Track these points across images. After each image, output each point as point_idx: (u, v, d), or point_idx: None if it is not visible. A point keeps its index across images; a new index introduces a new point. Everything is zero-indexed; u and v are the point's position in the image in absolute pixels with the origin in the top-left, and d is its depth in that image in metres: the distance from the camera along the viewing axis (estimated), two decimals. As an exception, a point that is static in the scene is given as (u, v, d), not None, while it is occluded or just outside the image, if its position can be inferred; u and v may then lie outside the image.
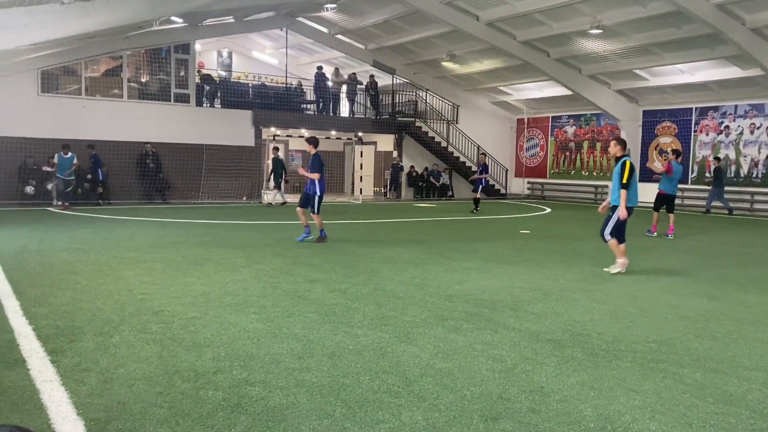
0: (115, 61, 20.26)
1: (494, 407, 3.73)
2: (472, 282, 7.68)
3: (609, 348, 5.03)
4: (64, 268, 7.94)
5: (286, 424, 3.43)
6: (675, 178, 12.93)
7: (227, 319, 5.62)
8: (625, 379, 4.29)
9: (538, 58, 20.85)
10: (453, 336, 5.24)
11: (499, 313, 6.11)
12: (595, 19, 17.55)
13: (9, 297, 6.29)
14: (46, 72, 18.93)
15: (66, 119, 18.86)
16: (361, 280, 7.60)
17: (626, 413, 3.71)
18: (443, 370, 4.35)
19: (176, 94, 21.02)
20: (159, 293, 6.64)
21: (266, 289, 6.96)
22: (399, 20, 21.05)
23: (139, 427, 3.33)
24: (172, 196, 20.36)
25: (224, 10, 18.54)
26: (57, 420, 3.41)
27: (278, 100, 23.03)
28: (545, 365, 4.54)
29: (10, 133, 18.05)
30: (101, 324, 5.37)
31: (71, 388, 3.86)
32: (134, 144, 19.80)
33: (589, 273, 8.55)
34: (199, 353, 4.62)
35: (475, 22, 19.29)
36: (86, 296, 6.42)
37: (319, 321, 5.63)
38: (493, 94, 27.06)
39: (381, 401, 3.78)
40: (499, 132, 27.98)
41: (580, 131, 25.93)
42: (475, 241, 11.93)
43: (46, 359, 4.40)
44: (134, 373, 4.15)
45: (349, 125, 24.73)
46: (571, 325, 5.73)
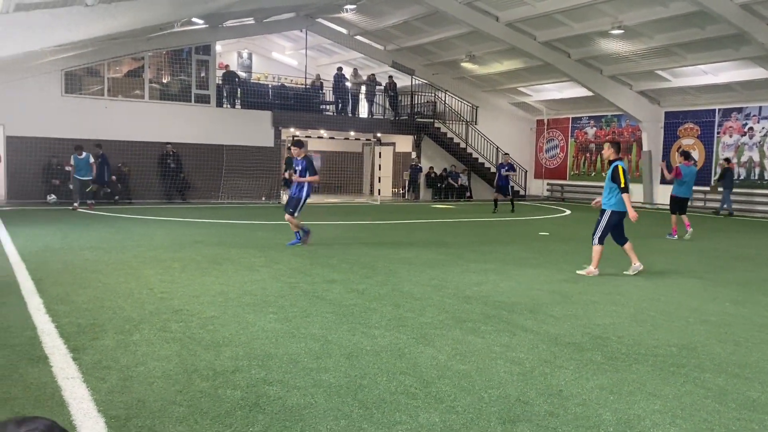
0: (137, 62, 20.51)
1: (512, 410, 3.71)
2: (491, 284, 7.64)
3: (629, 352, 4.98)
4: (86, 267, 8.04)
5: (304, 423, 3.44)
6: (685, 181, 12.92)
7: (246, 319, 5.66)
8: (646, 384, 4.24)
9: (559, 58, 20.70)
10: (471, 338, 5.22)
11: (518, 315, 6.08)
12: (617, 20, 17.38)
13: (32, 295, 6.39)
14: (69, 73, 19.21)
15: (89, 119, 19.13)
16: (378, 281, 7.60)
17: (646, 418, 3.66)
18: (461, 372, 4.34)
19: (197, 94, 21.22)
20: (178, 292, 6.70)
21: (284, 289, 6.99)
22: (418, 21, 21.03)
23: (158, 425, 3.36)
24: (192, 195, 20.55)
25: (245, 11, 18.67)
26: (78, 417, 3.45)
27: (297, 101, 23.14)
28: (564, 368, 4.51)
29: (36, 133, 18.35)
30: (122, 322, 5.43)
31: (92, 385, 3.91)
32: (155, 144, 20.01)
33: (609, 275, 8.47)
34: (218, 352, 4.65)
35: (494, 23, 19.21)
36: (107, 294, 6.50)
37: (337, 321, 5.64)
38: (512, 95, 26.93)
39: (398, 402, 3.77)
40: (518, 133, 27.83)
41: (601, 133, 25.70)
42: (493, 242, 11.88)
43: (68, 356, 4.46)
44: (154, 371, 4.19)
45: (367, 126, 24.77)
46: (590, 328, 5.68)
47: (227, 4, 15.30)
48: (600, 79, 21.82)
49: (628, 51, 19.61)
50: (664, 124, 23.29)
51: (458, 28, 20.28)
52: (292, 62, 28.39)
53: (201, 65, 21.41)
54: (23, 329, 5.13)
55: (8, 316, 5.54)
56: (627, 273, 8.58)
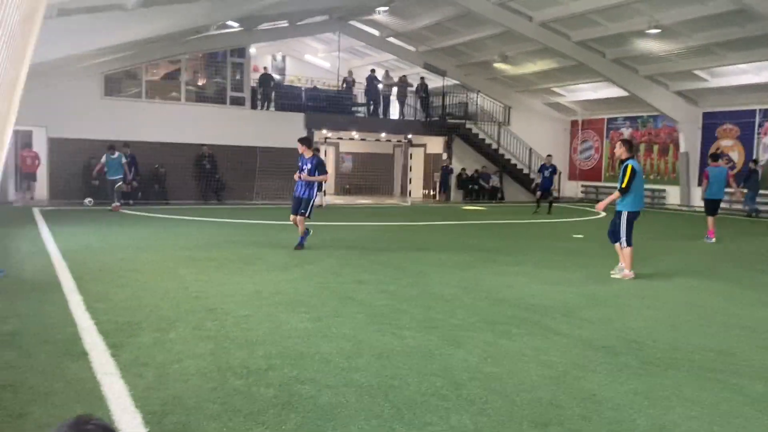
0: (173, 65, 20.90)
1: (544, 413, 3.69)
2: (523, 286, 7.59)
3: (664, 356, 4.89)
4: (124, 266, 8.23)
5: (336, 422, 3.47)
6: (713, 182, 12.86)
7: (278, 318, 5.73)
8: (682, 389, 4.17)
9: (593, 58, 20.43)
10: (502, 341, 5.20)
11: (550, 318, 6.02)
12: (653, 19, 17.07)
13: (73, 292, 6.57)
14: (109, 76, 19.68)
15: (127, 121, 19.55)
16: (408, 282, 7.62)
17: (682, 424, 3.60)
18: (492, 375, 4.32)
19: (232, 97, 21.53)
20: (213, 291, 6.82)
21: (316, 289, 7.06)
22: (450, 22, 20.97)
23: (193, 422, 3.43)
24: (227, 196, 20.84)
25: (279, 14, 18.88)
26: (116, 412, 3.54)
27: (330, 103, 23.29)
28: (597, 372, 4.46)
29: (76, 135, 18.83)
30: (158, 320, 5.55)
31: (130, 381, 4.01)
32: (191, 146, 20.35)
33: (645, 279, 8.34)
34: (251, 351, 4.72)
35: (528, 23, 19.05)
36: (144, 293, 6.65)
37: (367, 322, 5.67)
38: (546, 96, 26.66)
39: (429, 404, 3.78)
40: (552, 134, 27.53)
41: (637, 133, 25.25)
42: (526, 244, 11.78)
43: (106, 353, 4.58)
44: (189, 369, 4.28)
45: (398, 127, 24.78)
46: (624, 332, 5.60)
47: (261, 7, 15.50)
48: (636, 79, 21.46)
49: (665, 50, 19.24)
50: (702, 125, 22.78)
51: (491, 28, 20.17)
52: (324, 64, 28.59)
53: (236, 68, 21.71)
54: (65, 326, 5.28)
55: (51, 313, 5.71)
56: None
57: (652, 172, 24.64)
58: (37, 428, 3.30)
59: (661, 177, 24.22)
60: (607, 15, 17.77)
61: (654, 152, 24.57)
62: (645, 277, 8.46)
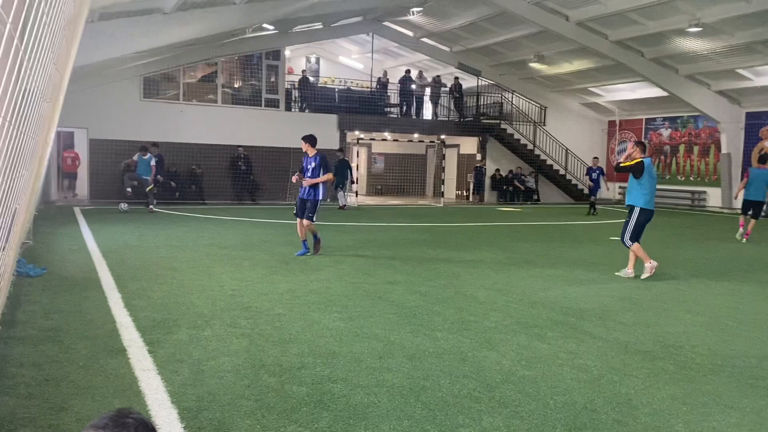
0: (210, 68, 21.24)
1: (578, 417, 3.64)
2: (558, 289, 7.49)
3: (704, 362, 4.78)
4: (161, 264, 8.39)
5: (367, 422, 3.48)
6: (752, 183, 12.97)
7: (311, 317, 5.77)
8: (722, 395, 4.06)
9: (632, 58, 20.06)
10: (536, 343, 5.14)
11: (586, 321, 5.94)
12: (694, 17, 16.68)
13: (112, 290, 6.73)
14: (148, 78, 20.09)
15: (165, 123, 19.95)
16: (441, 284, 7.59)
17: (722, 431, 3.51)
18: (526, 378, 4.28)
19: (267, 99, 21.78)
20: (248, 290, 6.90)
21: (348, 289, 7.09)
22: (485, 22, 20.83)
23: (227, 418, 3.48)
24: (261, 197, 21.08)
25: (313, 16, 19.01)
26: (153, 407, 3.61)
27: (363, 104, 23.37)
28: (634, 377, 4.38)
29: (116, 136, 19.28)
30: (194, 318, 5.64)
31: (166, 377, 4.09)
32: (227, 147, 20.66)
33: (684, 282, 8.15)
34: (285, 349, 4.77)
35: (564, 22, 18.81)
36: (181, 291, 6.76)
37: (400, 323, 5.67)
38: (582, 96, 26.28)
39: (461, 405, 3.76)
40: (589, 134, 27.13)
41: (676, 134, 24.72)
42: (561, 247, 11.63)
43: (144, 349, 4.67)
44: (224, 366, 4.34)
45: (432, 128, 24.72)
46: (662, 336, 5.49)
47: (295, 9, 15.64)
48: (676, 78, 21.00)
49: (707, 49, 18.78)
50: (744, 125, 22.17)
51: (526, 28, 19.97)
52: (358, 66, 28.69)
53: (271, 70, 21.95)
54: (104, 322, 5.41)
55: (91, 309, 5.86)
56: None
57: (692, 174, 24.09)
58: (77, 421, 3.39)
59: (702, 179, 23.65)
60: (646, 13, 17.42)
61: (694, 153, 24.00)
62: (684, 281, 8.27)
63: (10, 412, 3.47)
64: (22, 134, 2.13)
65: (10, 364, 4.25)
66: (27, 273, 7.29)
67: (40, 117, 2.57)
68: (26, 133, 2.25)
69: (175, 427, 3.36)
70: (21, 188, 2.75)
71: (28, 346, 4.65)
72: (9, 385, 3.85)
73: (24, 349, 4.59)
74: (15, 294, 6.23)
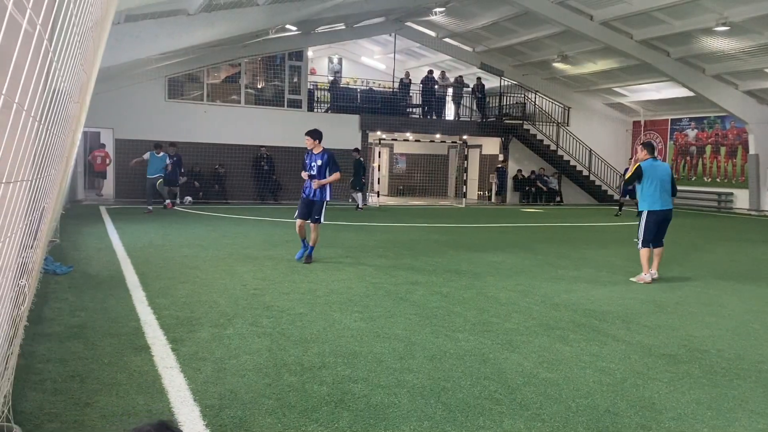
0: (234, 69, 21.42)
1: (601, 421, 3.60)
2: (581, 291, 7.42)
3: (730, 366, 4.70)
4: (185, 263, 8.48)
5: (388, 423, 3.48)
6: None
7: (332, 317, 5.78)
8: (748, 401, 3.99)
9: (657, 57, 19.79)
10: (559, 346, 5.10)
11: (609, 324, 5.87)
12: (722, 16, 16.40)
13: (137, 288, 6.82)
14: (172, 79, 20.33)
15: (189, 123, 20.17)
16: (463, 285, 7.56)
17: (748, 437, 3.45)
18: (547, 380, 4.25)
19: (289, 99, 21.90)
20: (270, 289, 6.94)
21: (369, 289, 7.09)
22: (508, 22, 20.72)
23: (248, 416, 3.51)
24: (284, 196, 21.20)
25: (336, 17, 19.08)
26: (176, 404, 3.65)
27: (385, 105, 23.38)
28: (657, 380, 4.32)
29: (141, 136, 19.51)
30: (217, 316, 5.69)
31: (189, 375, 4.13)
32: (250, 147, 20.81)
33: (709, 286, 8.02)
34: (306, 348, 4.79)
35: (588, 22, 18.63)
36: (204, 289, 6.83)
37: (421, 323, 5.66)
38: (607, 96, 26.00)
39: (482, 407, 3.74)
40: (613, 135, 26.83)
41: (703, 135, 24.33)
42: (585, 248, 11.52)
43: (167, 347, 4.73)
44: (246, 364, 4.37)
45: (454, 128, 24.64)
46: (687, 340, 5.40)
47: (319, 10, 15.71)
48: (702, 78, 20.67)
49: (735, 48, 18.46)
50: (773, 126, 21.76)
51: (550, 27, 19.82)
52: (380, 66, 28.72)
53: (293, 71, 22.08)
54: (128, 320, 5.48)
55: (116, 307, 5.94)
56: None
57: (718, 175, 23.69)
58: (101, 417, 3.44)
59: (729, 180, 23.25)
60: (673, 12, 17.18)
61: (721, 154, 23.60)
62: (710, 284, 8.14)
63: (37, 407, 3.54)
64: (51, 134, 2.17)
65: (37, 360, 4.33)
66: (54, 271, 7.42)
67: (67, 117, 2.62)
68: (54, 133, 2.29)
69: (198, 424, 3.39)
70: (49, 187, 2.80)
71: (54, 343, 4.73)
72: (36, 381, 3.93)
73: (50, 345, 4.67)
74: (42, 291, 6.35)
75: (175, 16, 12.46)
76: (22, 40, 1.20)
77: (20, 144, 1.46)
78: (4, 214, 1.54)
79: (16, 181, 1.54)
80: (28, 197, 2.01)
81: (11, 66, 1.19)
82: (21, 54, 1.24)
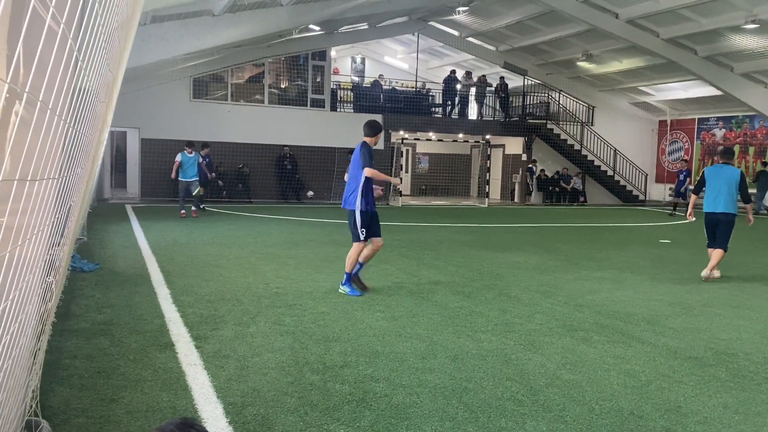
0: (257, 69, 21.58)
1: (625, 423, 3.55)
2: (605, 292, 7.33)
3: (758, 370, 4.60)
4: (209, 261, 8.56)
5: (409, 422, 3.47)
6: None
7: (354, 316, 5.79)
8: (777, 406, 3.91)
9: (684, 56, 19.47)
10: (582, 347, 5.04)
11: (634, 326, 5.79)
12: (751, 13, 16.08)
13: (161, 286, 6.90)
14: (197, 79, 20.55)
15: (213, 123, 20.37)
16: (485, 285, 7.52)
17: (777, 443, 3.38)
18: (571, 382, 4.20)
19: (312, 99, 22.00)
20: (292, 288, 6.98)
21: (391, 289, 7.09)
22: (532, 20, 20.55)
23: (271, 414, 3.53)
24: (307, 196, 21.30)
25: (359, 16, 19.11)
26: (200, 401, 3.69)
27: (408, 104, 23.37)
28: (683, 384, 4.25)
29: (167, 135, 19.79)
30: (240, 314, 5.73)
31: (212, 372, 4.17)
32: (273, 147, 20.95)
33: (737, 288, 7.87)
34: (328, 347, 4.80)
35: (613, 20, 18.40)
36: (227, 288, 6.89)
37: (443, 323, 5.65)
38: (632, 95, 25.66)
39: (504, 408, 3.72)
40: (638, 135, 26.48)
41: (731, 134, 23.89)
42: (609, 249, 11.38)
43: (191, 344, 4.78)
44: (268, 363, 4.40)
45: (477, 128, 24.52)
46: (714, 342, 5.31)
47: (342, 10, 15.74)
48: (730, 77, 20.28)
49: (764, 46, 18.08)
50: (805, 125, 21.28)
51: (574, 26, 19.62)
52: (403, 65, 28.69)
53: (317, 71, 22.17)
54: (153, 317, 5.55)
55: (141, 304, 6.02)
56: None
57: (747, 176, 23.24)
58: (127, 413, 3.49)
59: (757, 180, 22.78)
60: (700, 10, 16.89)
61: (749, 154, 23.14)
62: (738, 286, 7.99)
63: (64, 402, 3.60)
64: (78, 132, 2.20)
65: (64, 356, 4.40)
66: (81, 268, 7.54)
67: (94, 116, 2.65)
68: (81, 132, 2.33)
69: (221, 421, 3.41)
70: (76, 185, 2.84)
71: (81, 339, 4.81)
72: (63, 376, 3.99)
73: (77, 341, 4.75)
74: (69, 288, 6.46)
75: (200, 17, 12.59)
76: (46, 37, 1.22)
77: (46, 142, 1.48)
78: (32, 211, 1.56)
79: (43, 179, 1.57)
80: (55, 195, 2.04)
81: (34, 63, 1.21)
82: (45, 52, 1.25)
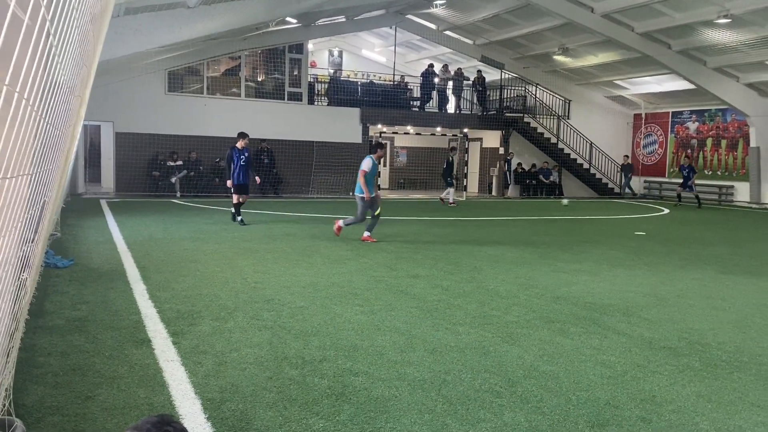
0: (234, 62, 21.36)
1: (601, 413, 3.61)
2: (582, 284, 7.42)
3: (730, 359, 4.70)
4: (186, 256, 8.49)
5: (389, 415, 3.49)
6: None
7: (333, 310, 5.79)
8: (748, 393, 4.00)
9: (658, 50, 19.73)
10: (559, 339, 5.10)
11: (610, 317, 5.88)
12: (723, 8, 16.34)
13: (137, 281, 6.82)
14: (172, 72, 20.28)
15: (189, 117, 20.14)
16: (463, 278, 7.57)
17: (747, 429, 3.46)
18: (548, 373, 4.25)
19: (290, 92, 21.86)
20: (270, 282, 6.95)
21: (370, 283, 7.10)
22: (509, 14, 20.64)
23: (249, 409, 3.52)
24: (284, 190, 21.19)
25: (336, 9, 19.01)
26: (177, 397, 3.66)
27: (386, 98, 23.35)
28: (658, 373, 4.33)
29: (141, 129, 19.53)
30: (218, 310, 5.70)
31: (190, 368, 4.14)
32: (250, 140, 20.73)
33: (710, 279, 8.02)
34: (307, 341, 4.79)
35: (589, 14, 18.56)
36: (204, 283, 6.84)
37: (421, 317, 5.67)
38: (608, 89, 25.93)
39: (482, 400, 3.75)
40: (614, 128, 26.79)
41: (704, 127, 24.28)
42: (585, 242, 11.52)
43: (168, 340, 4.73)
44: (246, 358, 4.38)
45: (454, 122, 24.61)
46: (688, 333, 5.41)
47: (319, 3, 15.64)
48: (703, 71, 20.61)
49: (736, 41, 18.40)
50: (775, 119, 21.70)
51: (551, 20, 19.75)
52: (380, 59, 28.63)
53: (294, 64, 22.03)
54: (129, 313, 5.49)
55: (117, 300, 5.95)
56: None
57: (719, 168, 23.67)
58: (102, 410, 3.45)
59: (730, 173, 23.22)
60: (674, 5, 17.11)
61: (722, 147, 23.56)
62: (711, 277, 8.14)
63: (39, 400, 3.55)
64: (52, 127, 2.17)
65: (38, 353, 4.34)
66: (55, 264, 7.42)
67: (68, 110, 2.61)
68: (55, 126, 2.29)
69: (199, 418, 3.40)
70: (50, 181, 2.80)
71: (55, 336, 4.74)
72: (37, 374, 3.94)
73: (52, 338, 4.68)
74: (43, 285, 6.36)
75: (175, 8, 12.41)
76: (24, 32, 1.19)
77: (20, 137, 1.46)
78: (4, 207, 1.53)
79: (16, 176, 1.54)
80: (28, 191, 2.01)
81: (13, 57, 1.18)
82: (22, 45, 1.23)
